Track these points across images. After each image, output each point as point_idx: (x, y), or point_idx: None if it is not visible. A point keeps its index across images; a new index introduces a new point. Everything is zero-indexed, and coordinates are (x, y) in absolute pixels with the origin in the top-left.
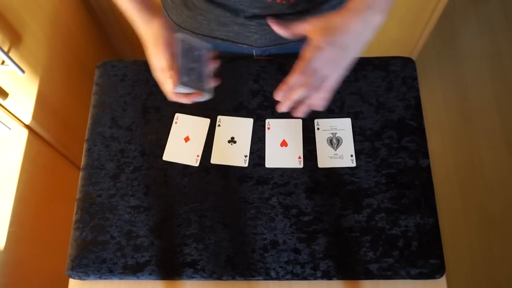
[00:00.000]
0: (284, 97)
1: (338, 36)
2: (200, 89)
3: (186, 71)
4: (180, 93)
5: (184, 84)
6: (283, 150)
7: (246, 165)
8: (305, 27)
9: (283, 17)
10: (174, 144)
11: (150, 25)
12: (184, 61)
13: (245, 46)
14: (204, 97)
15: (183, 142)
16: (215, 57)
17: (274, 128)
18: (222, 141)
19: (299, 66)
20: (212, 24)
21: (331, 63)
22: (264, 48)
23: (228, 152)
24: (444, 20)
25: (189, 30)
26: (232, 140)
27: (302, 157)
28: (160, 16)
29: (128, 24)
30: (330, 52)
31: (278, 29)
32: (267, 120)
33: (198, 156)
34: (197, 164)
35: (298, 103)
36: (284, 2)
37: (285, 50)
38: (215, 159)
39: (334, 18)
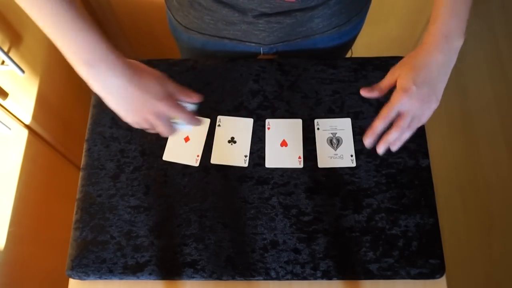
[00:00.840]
0: (371, 143)
1: (422, 73)
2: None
3: None
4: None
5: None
6: (283, 150)
7: (246, 165)
8: (392, 76)
9: (291, 13)
10: (174, 144)
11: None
12: None
13: (253, 44)
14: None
15: (183, 142)
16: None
17: (274, 128)
18: (222, 141)
19: (384, 111)
20: (219, 23)
21: (421, 102)
22: (271, 45)
23: (228, 152)
24: None
25: (195, 31)
26: (232, 140)
27: (302, 157)
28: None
29: (128, 24)
30: (418, 92)
31: (369, 94)
32: (267, 120)
33: (198, 156)
34: (197, 164)
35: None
36: (293, 0)
37: (292, 47)
38: (215, 159)
39: (414, 58)
